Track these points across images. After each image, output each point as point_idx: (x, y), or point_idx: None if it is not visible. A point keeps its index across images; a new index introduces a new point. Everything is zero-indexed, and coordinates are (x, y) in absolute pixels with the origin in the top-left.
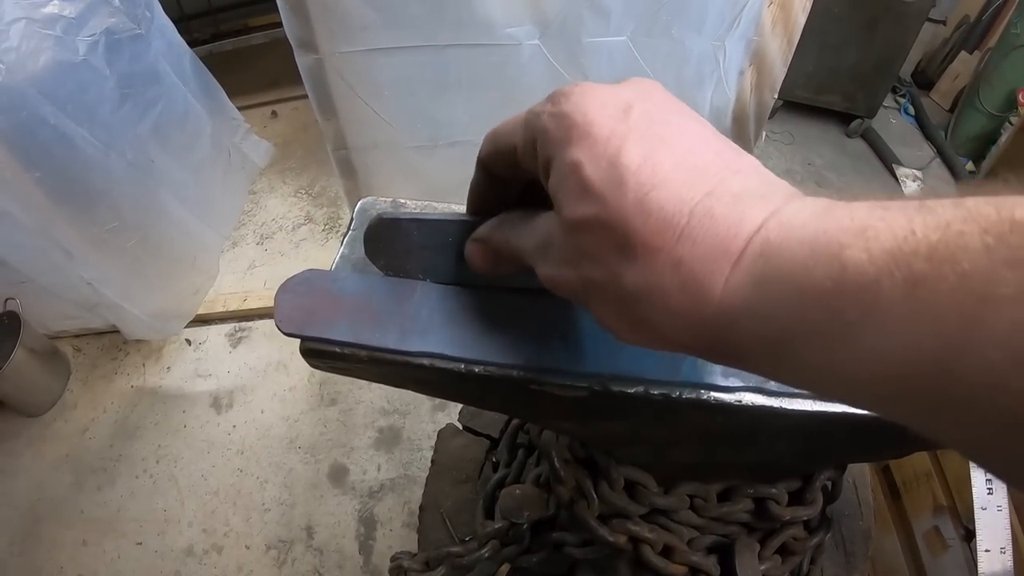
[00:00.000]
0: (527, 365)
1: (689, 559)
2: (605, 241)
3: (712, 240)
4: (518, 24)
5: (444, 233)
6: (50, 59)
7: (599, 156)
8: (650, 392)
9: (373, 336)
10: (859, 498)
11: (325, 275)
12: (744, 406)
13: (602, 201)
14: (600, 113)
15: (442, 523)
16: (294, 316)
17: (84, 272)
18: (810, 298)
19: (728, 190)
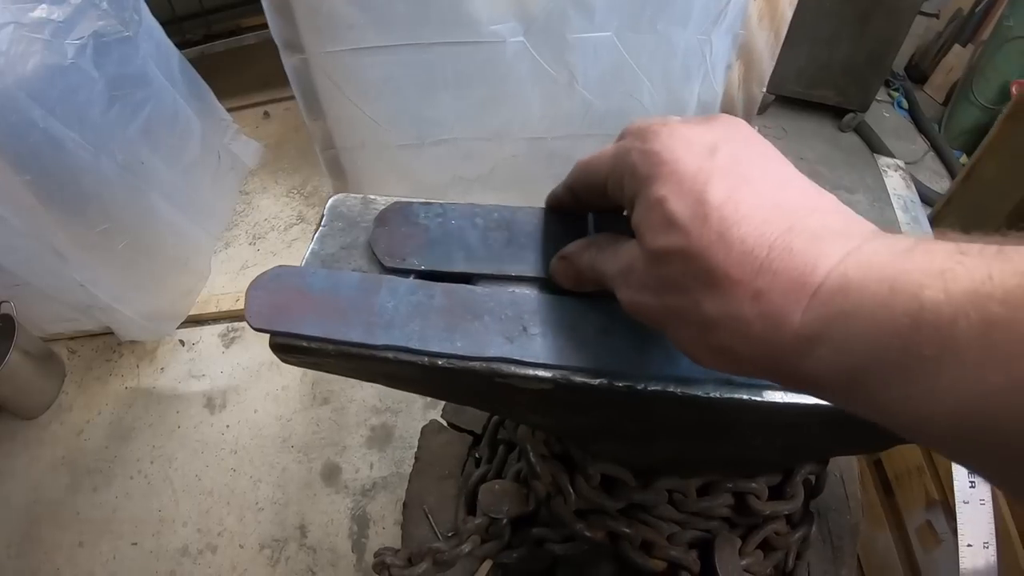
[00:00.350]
0: (489, 357)
1: (669, 554)
2: (687, 271)
3: (791, 273)
4: (503, 21)
5: (455, 221)
6: (39, 63)
7: (685, 192)
8: (614, 384)
9: (339, 330)
10: (846, 492)
11: (295, 271)
12: (712, 399)
13: (686, 234)
14: (687, 152)
15: (425, 519)
16: (263, 312)
17: (77, 274)
18: (887, 333)
19: (807, 227)
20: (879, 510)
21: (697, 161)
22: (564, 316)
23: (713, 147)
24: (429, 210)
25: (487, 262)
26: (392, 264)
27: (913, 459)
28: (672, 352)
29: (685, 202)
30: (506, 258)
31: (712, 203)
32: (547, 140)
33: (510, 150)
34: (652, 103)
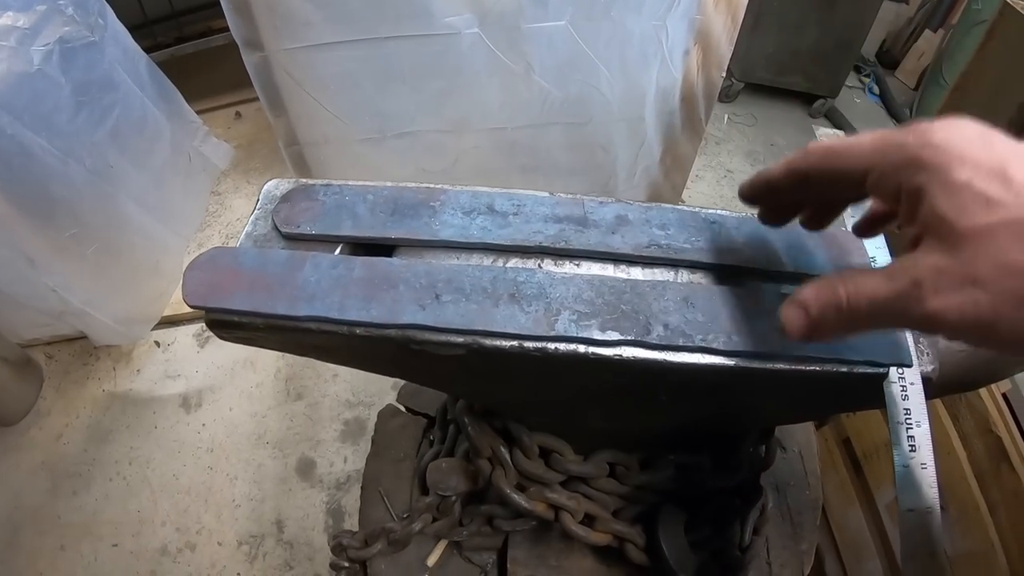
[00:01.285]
0: (403, 324)
1: (612, 527)
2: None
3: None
4: (456, 14)
5: (348, 197)
6: (5, 70)
7: (987, 172)
8: (525, 346)
9: (265, 304)
10: (805, 468)
11: (230, 252)
12: (625, 360)
13: (1005, 206)
14: (968, 143)
15: (381, 501)
16: (199, 290)
17: (48, 279)
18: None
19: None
20: (849, 488)
21: (983, 148)
22: (477, 283)
23: (986, 136)
24: (328, 189)
25: (371, 229)
26: (287, 231)
27: (881, 436)
28: (583, 316)
29: (992, 181)
30: (389, 226)
31: (1018, 179)
32: (507, 130)
33: (471, 141)
34: (610, 90)
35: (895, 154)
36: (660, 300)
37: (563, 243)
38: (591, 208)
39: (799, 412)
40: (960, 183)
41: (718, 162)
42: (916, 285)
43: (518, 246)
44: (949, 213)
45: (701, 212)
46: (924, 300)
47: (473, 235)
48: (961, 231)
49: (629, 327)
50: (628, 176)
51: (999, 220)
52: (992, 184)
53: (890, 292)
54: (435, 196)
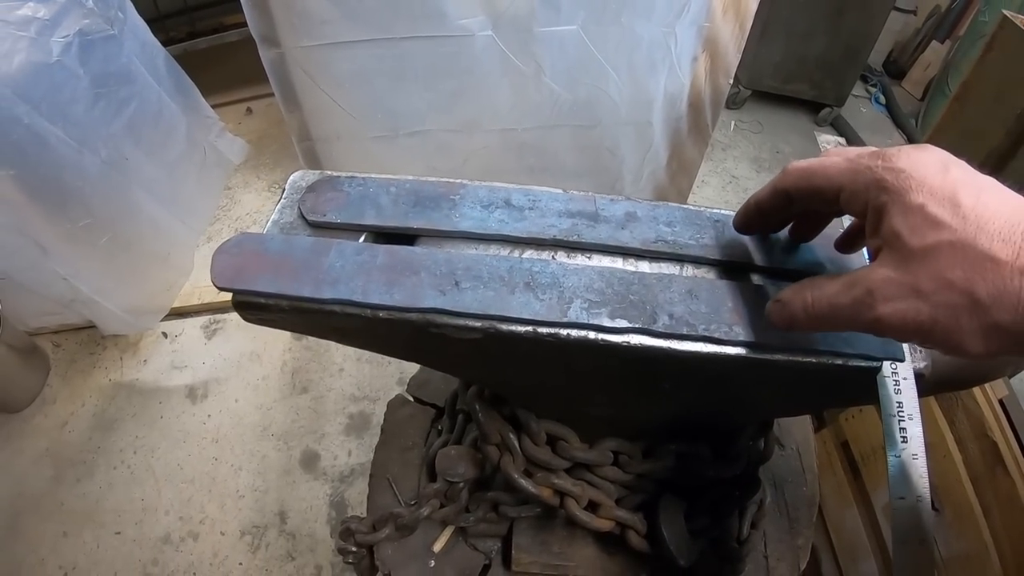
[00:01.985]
0: (423, 308)
1: (615, 514)
2: (956, 261)
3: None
4: (471, 16)
5: (372, 189)
6: (24, 60)
7: (940, 198)
8: (538, 332)
9: (291, 287)
10: (803, 465)
11: (256, 238)
12: (632, 347)
13: (950, 229)
14: (928, 169)
15: (389, 488)
16: (226, 273)
17: (59, 268)
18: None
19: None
20: (847, 490)
21: (939, 174)
22: (494, 271)
23: (944, 165)
24: (352, 181)
25: (394, 219)
26: (314, 219)
27: (878, 438)
28: (593, 304)
29: (943, 206)
30: (411, 216)
31: (966, 205)
32: (517, 131)
33: (481, 141)
34: (619, 94)
35: (864, 175)
36: (666, 291)
37: (575, 236)
38: (602, 205)
39: (795, 404)
40: (915, 205)
41: (724, 168)
42: (869, 294)
43: (533, 238)
44: (903, 231)
45: (706, 211)
46: (874, 307)
47: (491, 227)
48: (911, 248)
49: (636, 316)
50: (635, 179)
51: (943, 241)
52: (943, 209)
53: (847, 299)
54: (455, 190)
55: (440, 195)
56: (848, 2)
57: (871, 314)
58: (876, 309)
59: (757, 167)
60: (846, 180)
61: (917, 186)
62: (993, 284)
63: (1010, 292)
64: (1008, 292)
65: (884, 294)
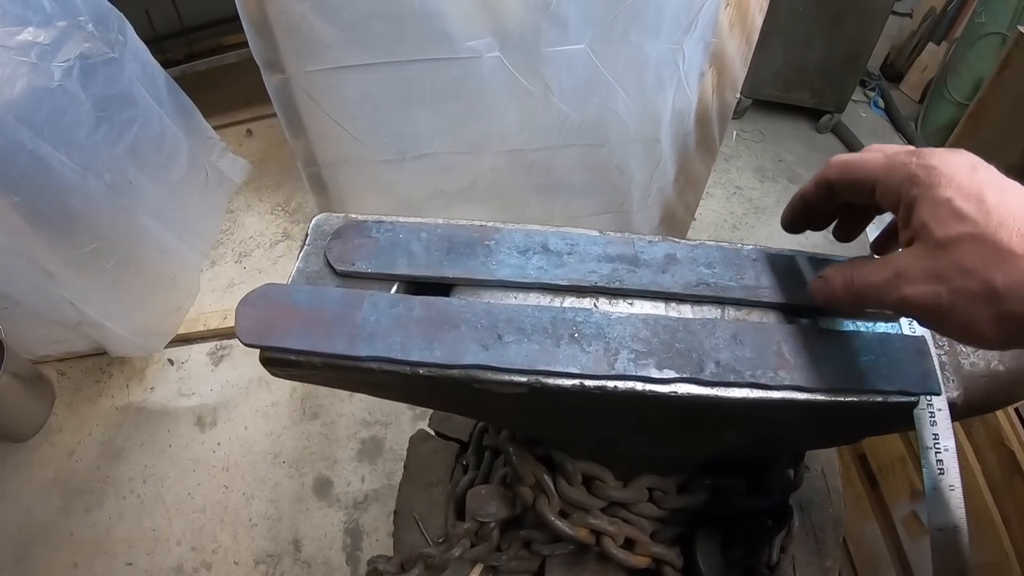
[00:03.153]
0: (466, 364)
1: (651, 550)
2: (977, 252)
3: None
4: (478, 37)
5: (402, 234)
6: (26, 85)
7: (966, 195)
8: (585, 385)
9: (324, 344)
10: (828, 486)
11: (282, 289)
12: (680, 396)
13: (973, 223)
14: (958, 168)
15: (415, 526)
16: (253, 328)
17: (66, 292)
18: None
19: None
20: (865, 503)
21: (968, 173)
22: (537, 323)
23: (973, 166)
24: (380, 226)
25: (428, 268)
26: (342, 268)
27: (896, 451)
28: (640, 355)
29: (969, 201)
30: (446, 264)
31: (990, 202)
32: (525, 152)
33: (489, 163)
34: (627, 112)
35: (898, 171)
36: (711, 338)
37: (617, 283)
38: (641, 247)
39: (831, 438)
40: (943, 199)
41: (727, 179)
42: (896, 275)
43: (574, 286)
44: (930, 222)
45: (743, 249)
46: (900, 287)
47: (530, 275)
48: (937, 238)
49: (684, 365)
50: (643, 196)
51: (966, 233)
52: (968, 204)
53: (878, 278)
54: (489, 235)
55: (475, 240)
56: (846, 9)
57: (897, 293)
58: (901, 289)
59: (761, 177)
60: (881, 174)
61: (946, 181)
62: (1009, 275)
63: None
64: (1023, 284)
65: (909, 276)
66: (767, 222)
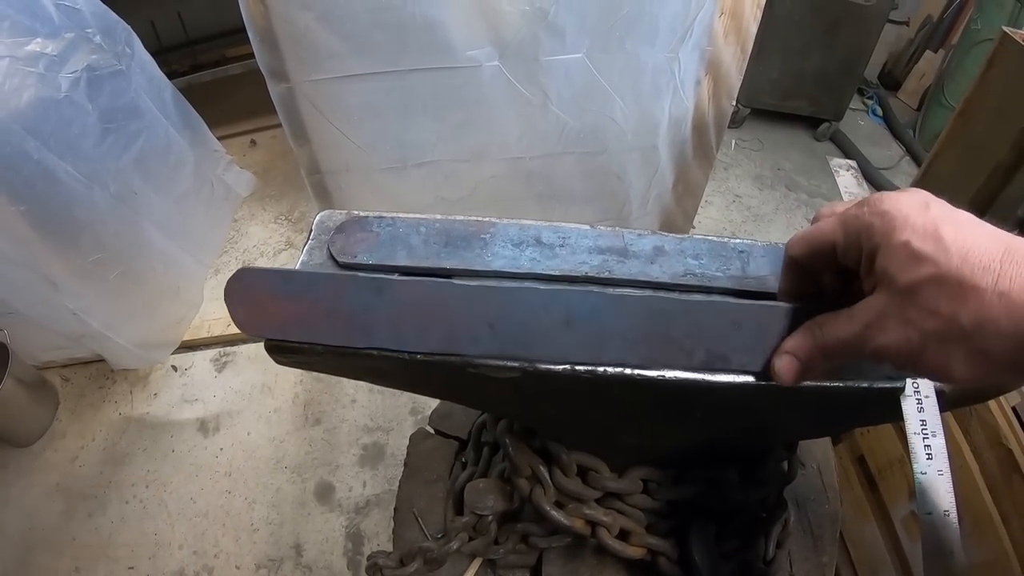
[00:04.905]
0: (460, 353)
1: (646, 541)
2: (942, 292)
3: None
4: (478, 47)
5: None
6: (33, 96)
7: (922, 235)
8: (576, 370)
9: (324, 334)
10: (824, 483)
11: (264, 273)
12: (668, 380)
13: (934, 263)
14: (910, 209)
15: (415, 522)
16: (249, 320)
17: (69, 303)
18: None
19: (1017, 245)
20: (864, 504)
21: (921, 213)
22: (529, 311)
23: (925, 203)
24: (381, 221)
25: (426, 259)
26: (344, 260)
27: (894, 451)
28: (630, 340)
29: (926, 241)
30: (444, 256)
31: (947, 239)
32: (525, 160)
33: (490, 171)
34: (625, 120)
35: (852, 225)
36: (701, 323)
37: (607, 272)
38: (630, 240)
39: (821, 426)
40: (900, 243)
41: (726, 187)
42: (867, 327)
43: (566, 275)
44: (890, 269)
45: (730, 242)
46: (873, 338)
47: (524, 265)
48: (899, 284)
49: (674, 351)
50: (641, 203)
51: (928, 275)
52: (926, 243)
53: (849, 332)
54: (485, 229)
55: (471, 234)
56: (843, 17)
57: (871, 344)
58: (874, 340)
59: (759, 185)
60: (839, 236)
61: (901, 224)
62: (975, 312)
63: (991, 319)
64: (989, 319)
65: (879, 325)
66: (765, 230)
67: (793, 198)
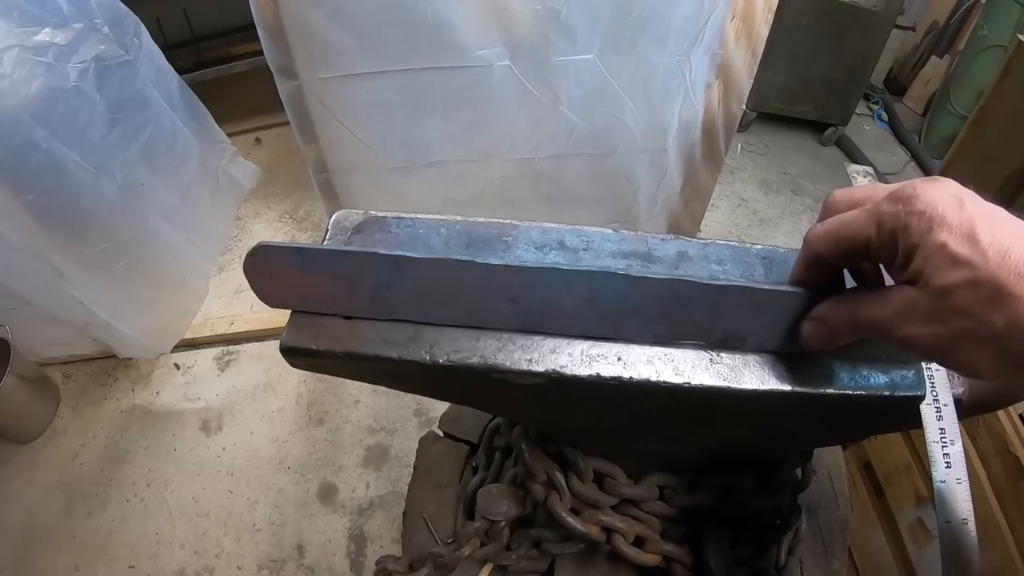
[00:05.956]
0: (482, 324)
1: (662, 548)
2: (976, 297)
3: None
4: (489, 47)
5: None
6: (42, 85)
7: (959, 236)
8: (602, 376)
9: (345, 305)
10: (834, 489)
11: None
12: (694, 388)
13: (972, 267)
14: (946, 207)
15: (424, 526)
16: (273, 294)
17: (75, 291)
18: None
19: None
20: (871, 511)
21: (956, 212)
22: (551, 290)
23: (959, 200)
24: (400, 222)
25: None
26: None
27: (901, 458)
28: (649, 319)
29: (962, 244)
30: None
31: (984, 241)
32: (534, 161)
33: (499, 171)
34: (634, 122)
35: (888, 224)
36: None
37: None
38: (654, 244)
39: (840, 434)
40: (937, 245)
41: (732, 191)
42: (899, 314)
43: None
44: (927, 270)
45: (752, 248)
46: (901, 326)
47: None
48: (936, 285)
49: (691, 328)
50: (649, 206)
51: (964, 278)
52: (962, 246)
53: (880, 314)
54: (507, 231)
55: (492, 237)
56: (849, 23)
57: (899, 332)
58: (903, 328)
59: (765, 189)
60: (873, 232)
61: (938, 225)
62: (1008, 316)
63: (1022, 323)
64: (1021, 324)
65: (911, 317)
66: (771, 234)
67: (799, 202)
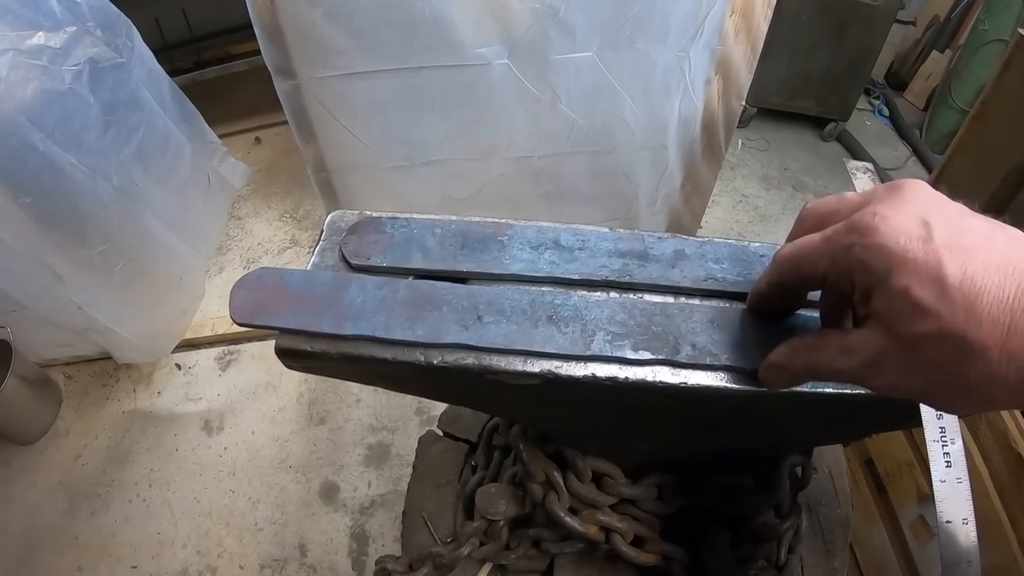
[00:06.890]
0: (446, 344)
1: (661, 548)
2: (945, 349)
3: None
4: (487, 44)
5: (416, 230)
6: (37, 88)
7: (924, 279)
8: (597, 377)
9: (311, 323)
10: (835, 487)
11: (276, 272)
12: (691, 387)
13: (938, 318)
14: (909, 239)
15: (424, 526)
16: (244, 308)
17: (75, 296)
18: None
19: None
20: (873, 507)
21: (921, 245)
22: (517, 305)
23: (925, 224)
24: (395, 222)
25: (442, 262)
26: (357, 262)
27: (903, 455)
28: (616, 336)
29: (927, 288)
30: (460, 259)
31: (952, 284)
32: (533, 159)
33: (498, 169)
34: (634, 119)
35: (842, 257)
36: (689, 322)
37: (628, 277)
38: (651, 243)
39: (839, 433)
40: (899, 290)
41: (733, 187)
42: (865, 365)
43: (586, 280)
44: (889, 316)
45: (751, 246)
46: (872, 377)
47: (542, 269)
48: (900, 334)
49: (660, 347)
50: (649, 203)
51: (931, 330)
52: (928, 291)
53: (846, 366)
54: (502, 230)
55: (488, 236)
56: (850, 17)
57: (870, 383)
58: (873, 380)
59: (766, 185)
60: (827, 265)
61: (899, 264)
62: (982, 369)
63: (999, 376)
64: (996, 375)
65: (879, 368)
66: (772, 230)
67: (800, 198)
